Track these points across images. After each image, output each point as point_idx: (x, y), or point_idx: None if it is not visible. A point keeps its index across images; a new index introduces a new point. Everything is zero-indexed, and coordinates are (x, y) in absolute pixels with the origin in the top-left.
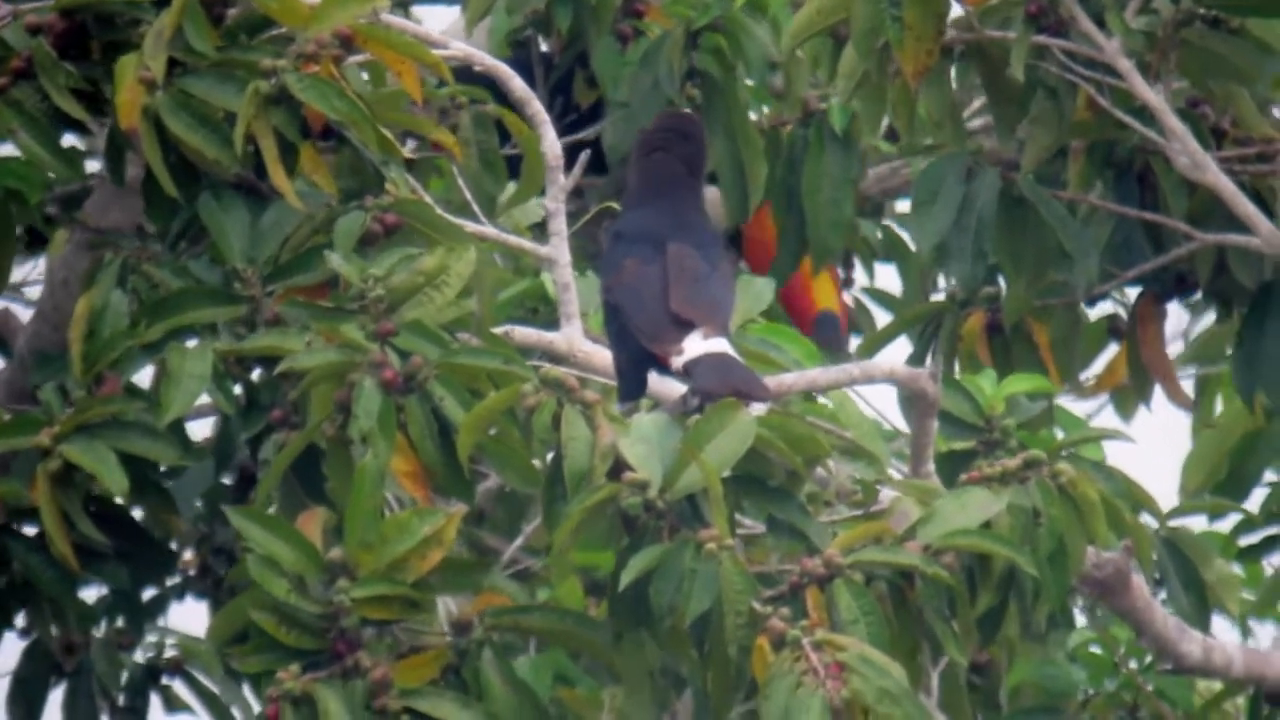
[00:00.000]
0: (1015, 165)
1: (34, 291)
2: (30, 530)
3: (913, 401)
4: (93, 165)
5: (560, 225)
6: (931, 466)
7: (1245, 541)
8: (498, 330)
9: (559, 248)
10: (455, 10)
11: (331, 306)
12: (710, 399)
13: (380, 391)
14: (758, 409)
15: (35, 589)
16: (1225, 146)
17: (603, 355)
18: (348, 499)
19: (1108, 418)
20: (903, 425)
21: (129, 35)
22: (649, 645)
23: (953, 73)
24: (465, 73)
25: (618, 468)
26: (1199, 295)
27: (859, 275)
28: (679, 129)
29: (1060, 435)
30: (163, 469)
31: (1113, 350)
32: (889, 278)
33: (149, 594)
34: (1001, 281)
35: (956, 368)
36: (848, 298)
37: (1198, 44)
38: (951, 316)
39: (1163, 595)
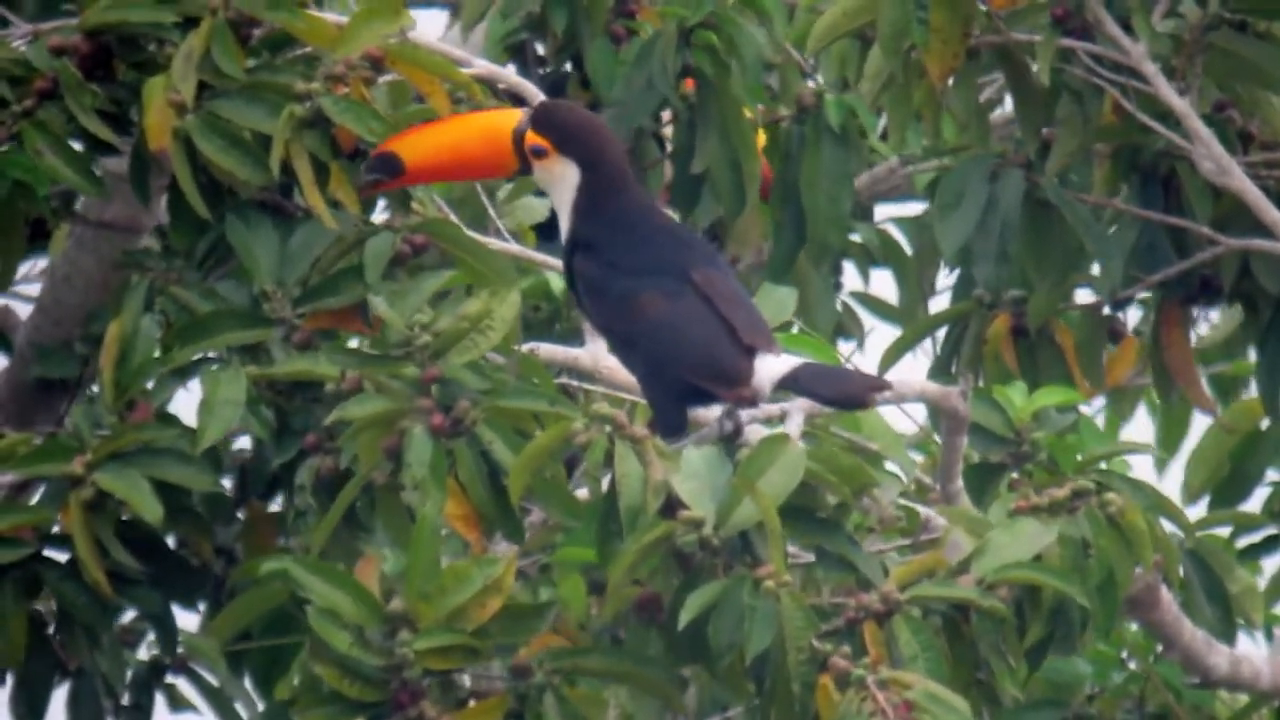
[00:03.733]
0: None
1: (31, 289)
2: (61, 556)
3: (942, 418)
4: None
5: None
6: (960, 484)
7: (1245, 542)
8: (524, 348)
9: None
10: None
11: (376, 354)
12: (845, 406)
13: (430, 438)
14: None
15: (69, 616)
16: (1252, 151)
17: (627, 373)
18: (401, 543)
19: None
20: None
21: (154, 56)
22: (705, 682)
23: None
24: None
25: (669, 503)
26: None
27: (855, 280)
28: (594, 124)
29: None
30: None
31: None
32: (883, 283)
33: None
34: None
35: (981, 373)
36: (837, 303)
37: (1224, 48)
38: (977, 319)
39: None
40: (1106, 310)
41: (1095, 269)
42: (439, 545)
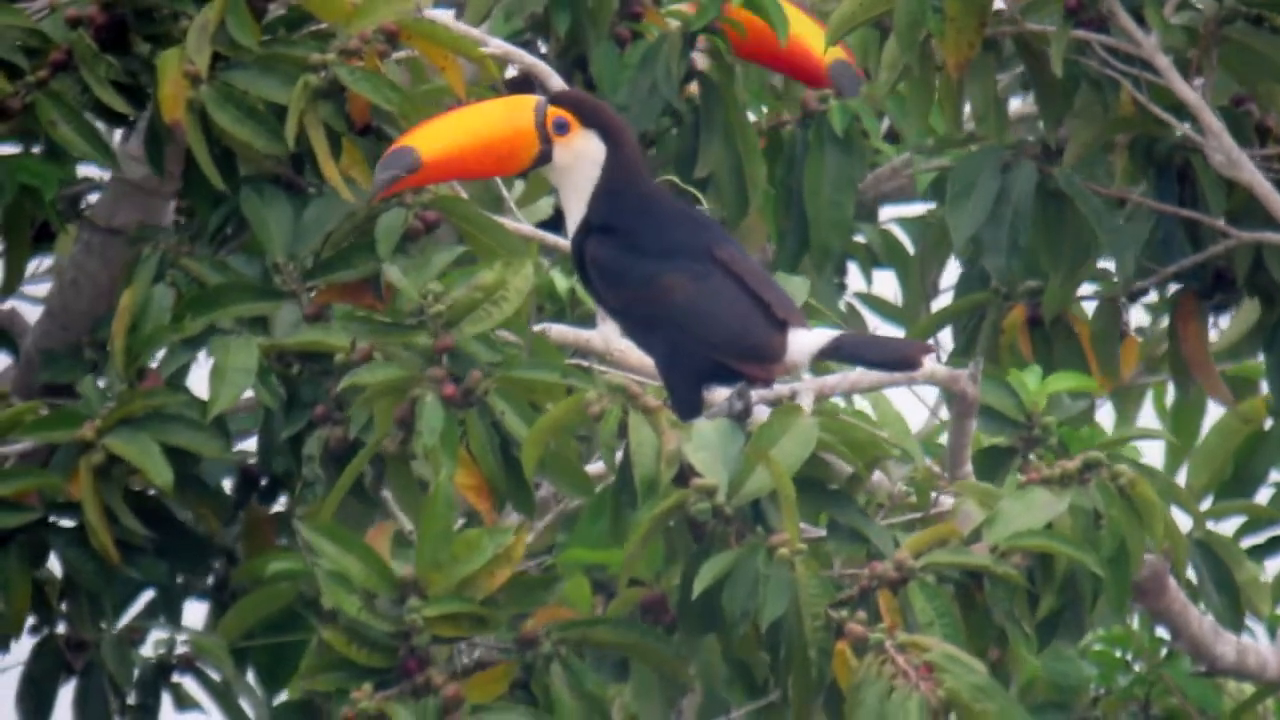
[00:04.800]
0: (1052, 157)
1: (38, 289)
2: (67, 524)
3: (951, 401)
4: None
5: None
6: (969, 468)
7: (1249, 542)
8: (536, 328)
9: None
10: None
11: (389, 321)
12: (896, 368)
13: (442, 407)
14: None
15: (73, 583)
16: (1269, 145)
17: (638, 354)
18: (411, 512)
19: (1106, 414)
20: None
21: (169, 29)
22: (715, 652)
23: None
24: None
25: (681, 474)
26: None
27: (857, 281)
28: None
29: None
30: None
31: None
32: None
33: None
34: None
35: (998, 364)
36: (841, 304)
37: (1240, 42)
38: (994, 309)
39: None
40: (1122, 302)
41: (1109, 261)
42: (452, 514)
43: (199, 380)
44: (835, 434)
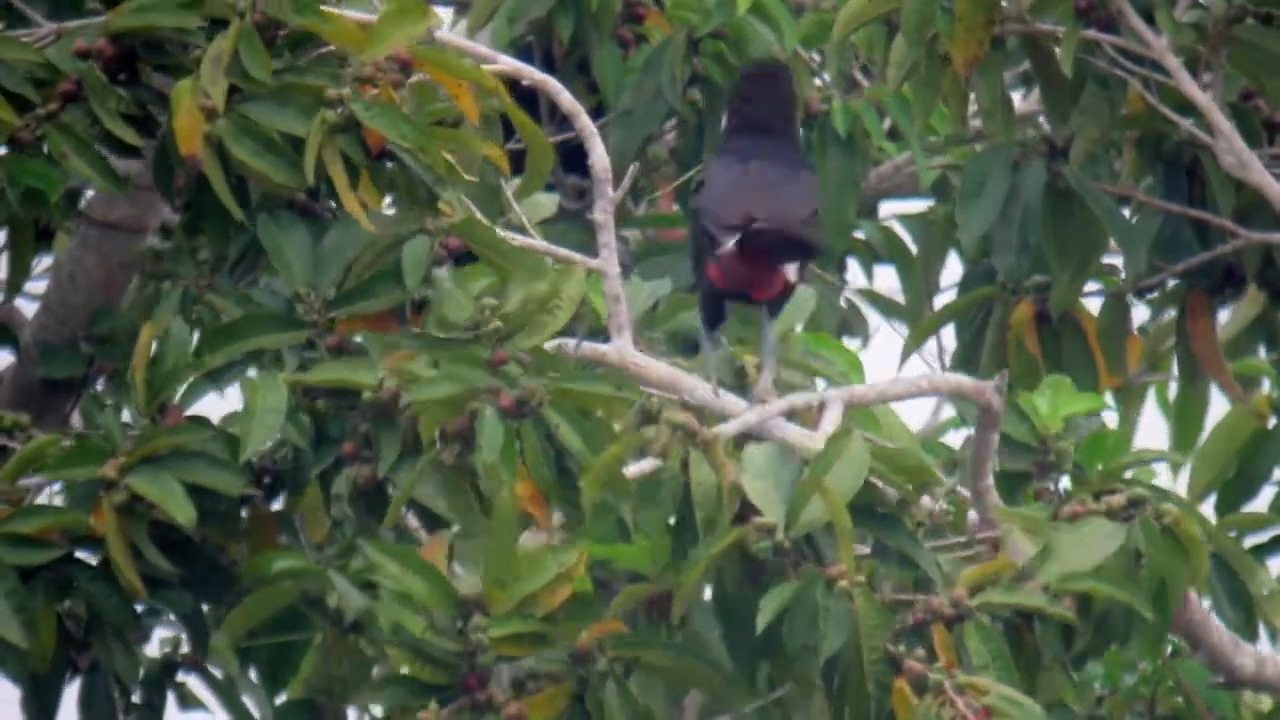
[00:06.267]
0: (1057, 154)
1: (35, 285)
2: (90, 557)
3: (972, 413)
4: None
5: (609, 237)
6: (990, 481)
7: (1251, 541)
8: (551, 344)
9: (609, 260)
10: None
11: (444, 336)
12: (760, 239)
13: (500, 420)
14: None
15: (97, 617)
16: (1277, 143)
17: (656, 368)
18: (464, 524)
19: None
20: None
21: (179, 60)
22: (763, 681)
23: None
24: None
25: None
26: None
27: (859, 277)
28: (764, 78)
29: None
30: None
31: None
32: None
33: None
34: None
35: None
36: (842, 300)
37: (1249, 41)
38: (1001, 305)
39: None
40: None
41: (1114, 258)
42: (515, 531)
43: (216, 413)
44: (885, 461)
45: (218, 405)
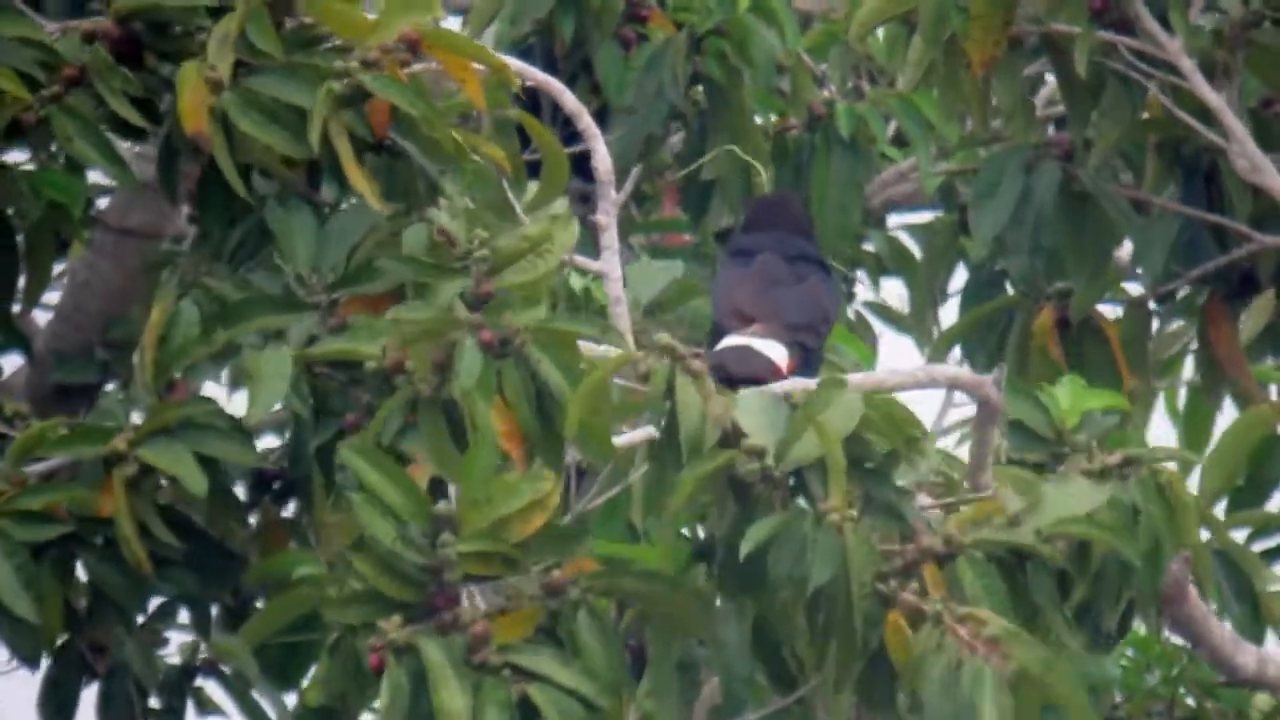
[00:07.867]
0: (1072, 157)
1: (50, 293)
2: (95, 539)
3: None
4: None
5: (612, 239)
6: (990, 475)
7: (1260, 546)
8: None
9: (610, 262)
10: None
11: (433, 262)
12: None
13: (480, 351)
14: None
15: (101, 596)
16: None
17: None
18: (439, 458)
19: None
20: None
21: (185, 45)
22: (746, 614)
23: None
24: None
25: (726, 439)
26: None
27: (866, 289)
28: (775, 204)
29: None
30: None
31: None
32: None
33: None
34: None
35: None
36: (850, 311)
37: (1266, 45)
38: (1023, 311)
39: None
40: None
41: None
42: (493, 455)
43: (218, 395)
44: (876, 409)
45: (220, 397)
